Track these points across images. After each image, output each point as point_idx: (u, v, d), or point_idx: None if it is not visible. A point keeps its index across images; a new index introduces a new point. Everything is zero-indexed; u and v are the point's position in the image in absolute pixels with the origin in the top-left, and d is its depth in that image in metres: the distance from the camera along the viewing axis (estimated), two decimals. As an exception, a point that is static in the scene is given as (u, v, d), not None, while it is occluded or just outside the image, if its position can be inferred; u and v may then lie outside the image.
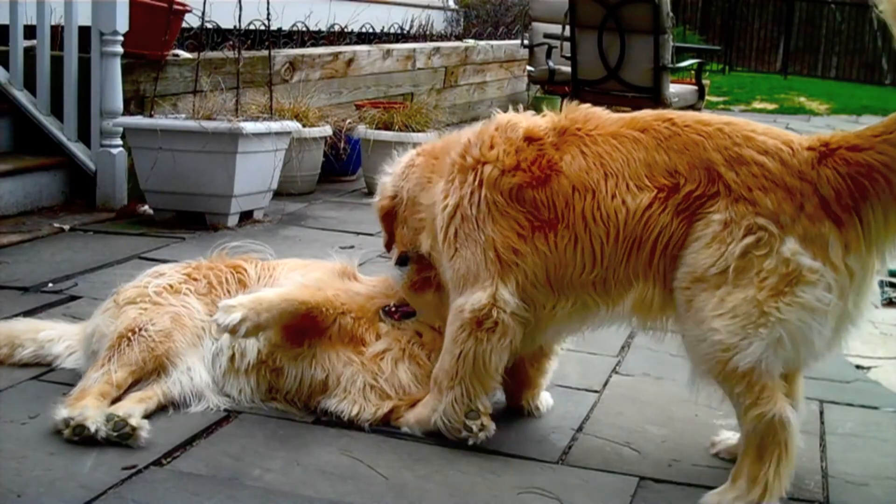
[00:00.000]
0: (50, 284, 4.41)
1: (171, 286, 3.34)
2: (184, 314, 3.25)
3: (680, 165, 2.69)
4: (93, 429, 2.84)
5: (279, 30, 9.02)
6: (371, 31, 10.87)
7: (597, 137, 2.80)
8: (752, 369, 2.56)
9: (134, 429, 2.86)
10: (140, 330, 3.17)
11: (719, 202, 2.62)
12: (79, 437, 2.85)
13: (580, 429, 3.18)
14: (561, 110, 2.94)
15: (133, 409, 2.96)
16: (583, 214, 2.75)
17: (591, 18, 8.54)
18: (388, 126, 6.83)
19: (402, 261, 3.23)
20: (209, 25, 6.86)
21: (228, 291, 3.37)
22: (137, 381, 3.13)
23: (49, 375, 3.37)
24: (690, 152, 2.69)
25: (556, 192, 2.79)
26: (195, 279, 3.40)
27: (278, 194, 6.19)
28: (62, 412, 2.91)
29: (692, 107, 11.52)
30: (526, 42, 11.36)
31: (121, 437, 2.84)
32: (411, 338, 3.19)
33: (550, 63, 10.35)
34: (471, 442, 2.94)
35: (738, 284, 2.57)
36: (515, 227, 2.83)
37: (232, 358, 3.24)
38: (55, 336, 3.48)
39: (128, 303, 3.29)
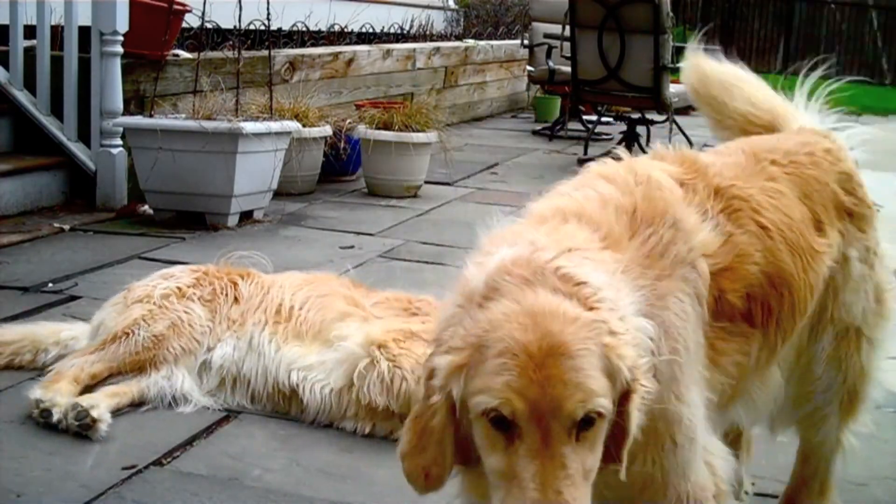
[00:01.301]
0: (50, 284, 4.41)
1: (179, 289, 3.37)
2: (184, 320, 3.27)
3: (822, 214, 2.26)
4: (55, 418, 2.91)
5: (279, 30, 9.02)
6: (371, 31, 10.87)
7: (759, 200, 2.13)
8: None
9: (95, 420, 2.91)
10: (133, 333, 3.22)
11: (848, 233, 2.33)
12: (44, 421, 2.93)
13: (580, 429, 3.17)
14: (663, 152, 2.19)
15: (100, 401, 3.01)
16: (791, 312, 2.14)
17: (591, 18, 8.55)
18: (388, 126, 6.83)
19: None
20: (209, 25, 6.86)
21: (226, 303, 3.39)
22: (114, 376, 3.19)
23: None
24: (820, 192, 2.28)
25: (759, 291, 2.06)
26: (202, 285, 3.41)
27: (278, 194, 6.18)
28: (36, 392, 3.01)
29: (692, 106, 11.53)
30: (526, 42, 11.36)
31: (81, 428, 2.89)
32: None
33: (550, 63, 10.35)
34: None
35: (879, 314, 2.42)
36: (725, 344, 2.01)
37: (222, 382, 3.26)
38: (77, 334, 3.51)
39: (135, 301, 3.34)
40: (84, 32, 6.00)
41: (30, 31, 6.07)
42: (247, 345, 3.27)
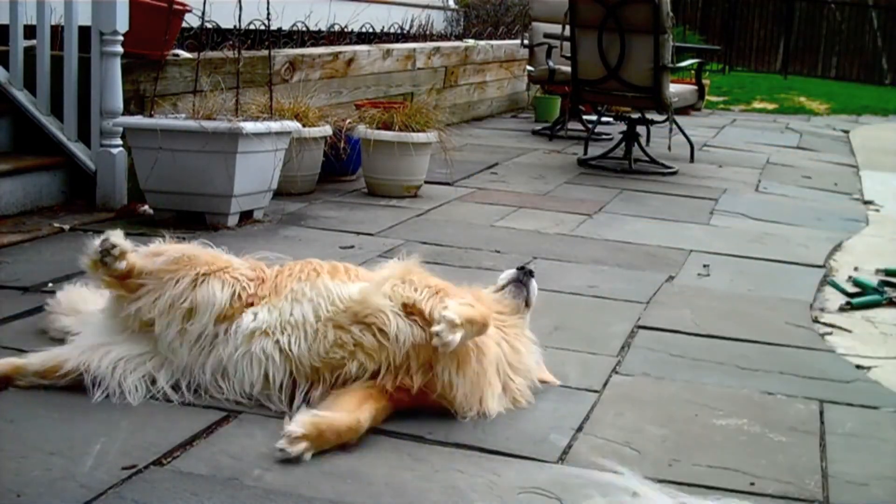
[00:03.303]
0: (50, 284, 4.40)
1: (222, 270, 3.34)
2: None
3: None
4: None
5: (279, 30, 9.02)
6: (371, 30, 10.87)
7: None
8: None
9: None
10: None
11: None
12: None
13: (580, 429, 3.18)
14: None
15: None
16: None
17: (591, 18, 8.55)
18: (388, 126, 6.83)
19: None
20: (209, 25, 6.86)
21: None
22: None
23: (49, 375, 3.37)
24: None
25: None
26: (249, 283, 3.36)
27: (278, 194, 6.19)
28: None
29: (692, 106, 11.55)
30: (526, 42, 11.36)
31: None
32: None
33: (550, 63, 10.35)
34: None
35: None
36: None
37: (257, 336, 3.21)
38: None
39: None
40: (84, 32, 6.00)
41: (30, 31, 6.07)
42: (292, 302, 3.24)
